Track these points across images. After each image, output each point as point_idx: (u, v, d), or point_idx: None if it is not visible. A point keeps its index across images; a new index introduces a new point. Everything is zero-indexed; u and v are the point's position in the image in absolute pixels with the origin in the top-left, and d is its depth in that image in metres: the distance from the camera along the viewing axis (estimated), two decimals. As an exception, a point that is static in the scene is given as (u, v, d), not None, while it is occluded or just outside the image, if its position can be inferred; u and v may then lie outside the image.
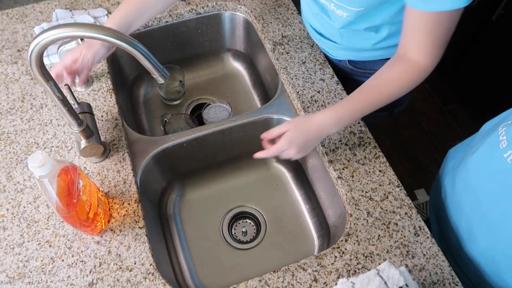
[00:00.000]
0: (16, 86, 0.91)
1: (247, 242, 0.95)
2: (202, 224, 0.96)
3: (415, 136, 1.89)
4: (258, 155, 0.79)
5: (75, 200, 0.62)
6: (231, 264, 0.91)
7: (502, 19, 1.49)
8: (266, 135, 0.78)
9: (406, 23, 0.70)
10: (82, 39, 0.74)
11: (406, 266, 0.70)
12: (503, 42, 1.56)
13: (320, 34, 0.94)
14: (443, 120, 1.93)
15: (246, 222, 0.98)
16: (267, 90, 1.11)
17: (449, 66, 1.89)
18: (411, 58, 0.71)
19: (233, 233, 0.96)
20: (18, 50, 0.96)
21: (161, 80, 0.62)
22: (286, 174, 1.02)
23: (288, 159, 0.80)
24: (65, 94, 0.69)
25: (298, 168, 1.00)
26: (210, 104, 1.05)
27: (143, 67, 0.82)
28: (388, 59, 0.76)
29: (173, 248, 0.92)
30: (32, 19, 1.02)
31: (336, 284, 0.65)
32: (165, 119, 1.04)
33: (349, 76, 0.98)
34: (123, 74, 1.07)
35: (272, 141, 0.79)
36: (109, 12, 1.03)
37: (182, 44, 1.11)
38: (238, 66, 1.19)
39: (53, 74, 0.73)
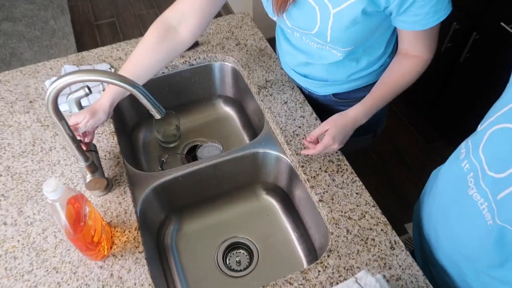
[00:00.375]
0: (28, 132, 1.01)
1: (241, 271, 1.01)
2: (198, 256, 1.02)
3: (402, 174, 1.98)
4: (306, 151, 0.91)
5: (82, 223, 0.70)
6: (226, 291, 0.96)
7: (468, 61, 1.65)
8: (310, 137, 0.90)
9: (403, 38, 0.88)
10: (89, 89, 0.85)
11: (384, 276, 0.77)
12: (471, 81, 1.71)
13: (305, 76, 1.07)
14: (427, 157, 2.03)
15: (240, 252, 1.04)
16: (255, 130, 1.21)
17: (428, 106, 2.03)
18: (414, 54, 0.89)
19: (227, 263, 1.02)
20: (30, 101, 1.08)
21: (157, 116, 0.72)
22: (276, 205, 1.10)
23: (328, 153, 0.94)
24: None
25: (286, 199, 1.08)
26: (203, 144, 1.15)
27: (142, 114, 0.92)
28: (368, 85, 0.93)
29: (171, 278, 0.98)
30: (43, 74, 1.15)
31: (319, 293, 0.72)
32: (163, 159, 1.13)
33: (335, 108, 1.10)
34: (124, 121, 1.18)
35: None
36: (112, 67, 1.16)
37: (177, 92, 1.23)
38: (228, 110, 1.31)
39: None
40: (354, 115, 0.89)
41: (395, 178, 1.96)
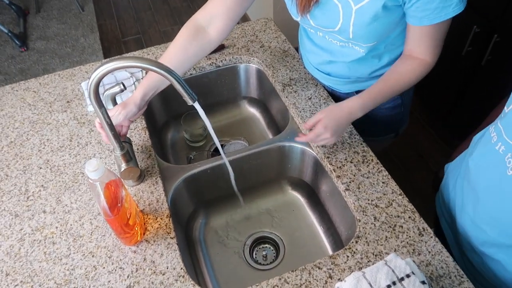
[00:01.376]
0: (65, 129, 1.07)
1: (267, 265, 1.02)
2: (226, 249, 1.04)
3: (425, 179, 1.96)
4: (300, 139, 0.93)
5: (119, 204, 0.73)
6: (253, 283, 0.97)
7: (489, 64, 1.65)
8: (305, 125, 0.92)
9: (410, 35, 0.89)
10: (124, 86, 0.90)
11: (414, 262, 0.77)
12: (494, 84, 1.70)
13: (328, 74, 1.09)
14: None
15: (266, 246, 1.06)
16: (280, 130, 1.24)
17: (450, 110, 2.01)
18: (418, 56, 0.90)
19: (254, 257, 1.03)
20: (67, 101, 1.14)
21: (190, 102, 0.75)
22: (301, 200, 1.11)
23: (324, 146, 0.96)
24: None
25: (311, 194, 1.10)
26: (230, 141, 1.18)
27: (170, 114, 0.91)
28: None
29: (199, 270, 1.00)
30: (79, 77, 1.21)
31: (348, 275, 0.72)
32: (190, 155, 1.17)
33: None
34: (154, 120, 1.23)
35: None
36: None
37: (204, 93, 1.28)
38: (253, 111, 1.34)
39: (96, 125, 0.91)
40: (349, 108, 0.89)
41: (418, 183, 1.95)
